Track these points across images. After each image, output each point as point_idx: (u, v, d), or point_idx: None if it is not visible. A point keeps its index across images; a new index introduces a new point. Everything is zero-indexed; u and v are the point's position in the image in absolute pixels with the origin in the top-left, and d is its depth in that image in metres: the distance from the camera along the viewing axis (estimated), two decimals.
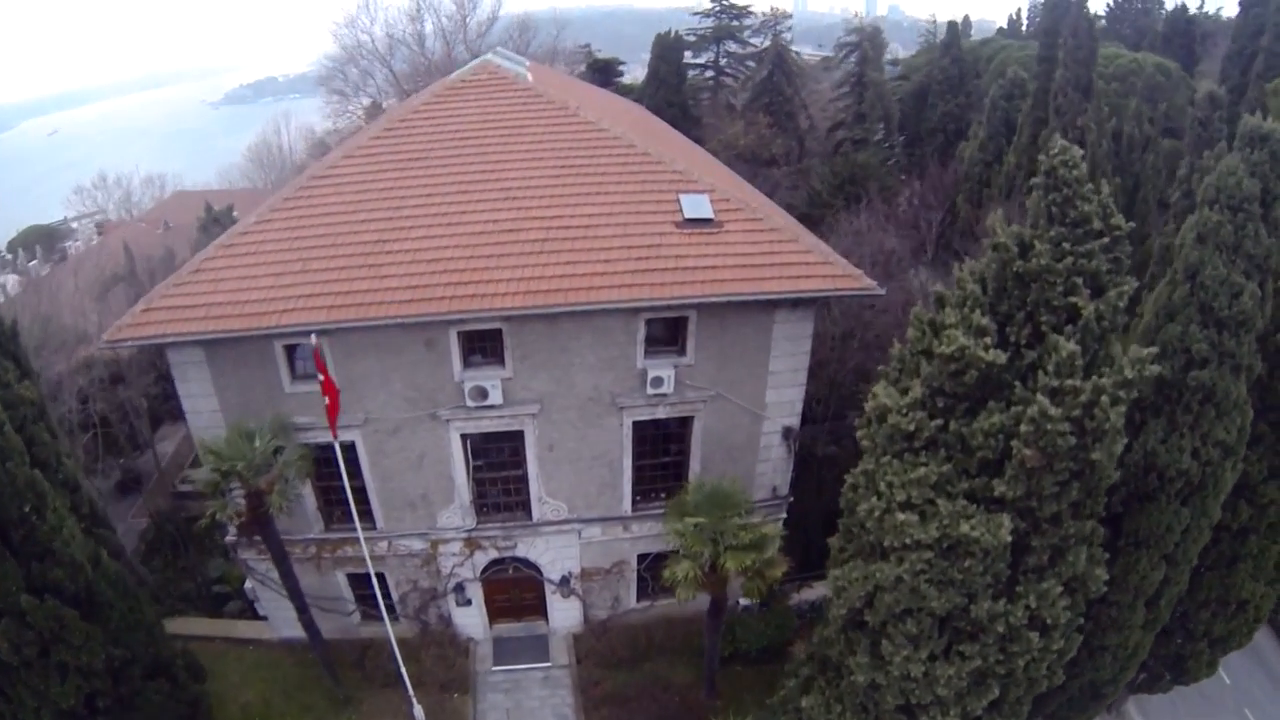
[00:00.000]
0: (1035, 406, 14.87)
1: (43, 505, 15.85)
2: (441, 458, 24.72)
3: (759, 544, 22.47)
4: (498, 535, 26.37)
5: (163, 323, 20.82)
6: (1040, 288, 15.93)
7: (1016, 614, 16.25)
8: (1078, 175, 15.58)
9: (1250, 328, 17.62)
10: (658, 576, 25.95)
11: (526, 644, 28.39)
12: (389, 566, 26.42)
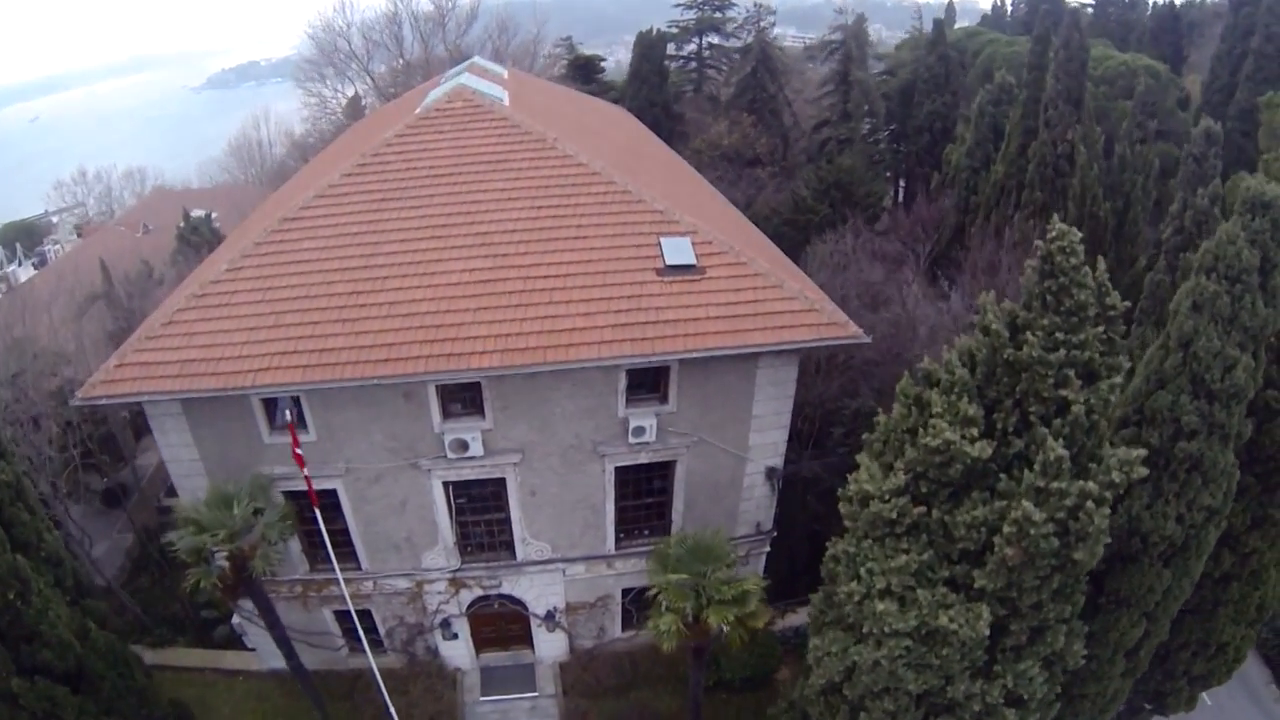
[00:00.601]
0: (1020, 510, 14.83)
1: (27, 590, 15.81)
2: (424, 503, 24.67)
3: (741, 599, 22.43)
4: (482, 574, 26.40)
5: (136, 380, 20.71)
6: (1031, 378, 15.76)
7: (993, 694, 16.38)
8: (1074, 263, 15.24)
9: (1242, 400, 17.50)
10: (642, 608, 26.15)
11: (513, 673, 28.55)
12: (375, 604, 26.47)
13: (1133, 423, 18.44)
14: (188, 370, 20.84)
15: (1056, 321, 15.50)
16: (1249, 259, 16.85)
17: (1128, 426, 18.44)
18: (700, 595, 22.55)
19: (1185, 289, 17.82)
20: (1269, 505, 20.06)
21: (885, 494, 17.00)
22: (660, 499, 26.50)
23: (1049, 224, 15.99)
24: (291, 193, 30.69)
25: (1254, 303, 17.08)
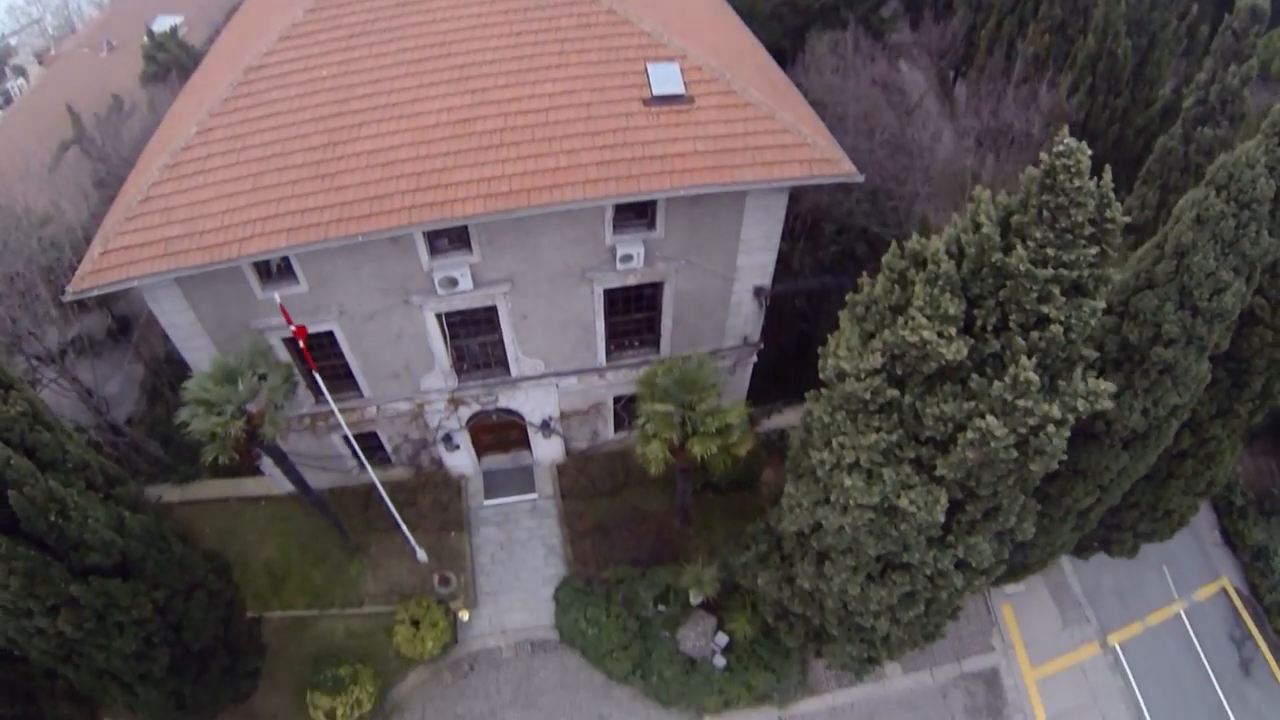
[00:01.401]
0: (984, 422, 16.24)
1: (65, 508, 17.53)
2: (418, 334, 25.81)
3: (725, 430, 24.55)
4: (479, 392, 28.27)
5: (124, 265, 20.96)
6: (1015, 287, 15.98)
7: (945, 561, 18.82)
8: (1078, 185, 15.03)
9: (1227, 320, 18.04)
10: (633, 412, 28.70)
11: (513, 476, 31.39)
12: (380, 425, 28.56)
13: (1116, 312, 19.09)
14: (173, 248, 21.06)
15: (1049, 237, 15.56)
16: (1264, 189, 16.74)
17: (1111, 314, 19.13)
18: (685, 425, 24.69)
19: (1192, 198, 17.77)
20: (1235, 400, 21.34)
21: (861, 373, 18.11)
22: (649, 315, 27.72)
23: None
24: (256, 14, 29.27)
25: (1259, 232, 17.13)
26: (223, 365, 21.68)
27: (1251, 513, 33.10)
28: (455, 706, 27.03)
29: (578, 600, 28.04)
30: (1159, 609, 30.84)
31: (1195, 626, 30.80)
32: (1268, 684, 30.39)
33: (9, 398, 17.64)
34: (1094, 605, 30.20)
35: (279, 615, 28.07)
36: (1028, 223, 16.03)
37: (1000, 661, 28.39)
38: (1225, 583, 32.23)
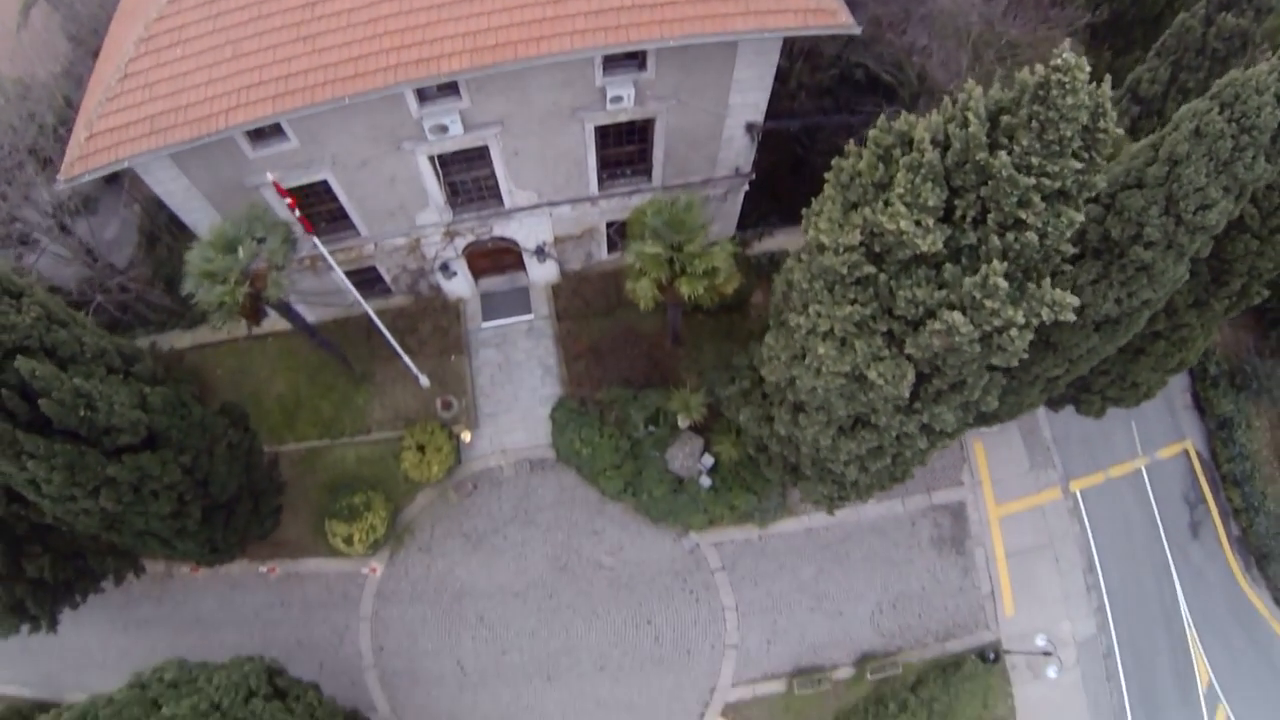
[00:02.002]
0: (951, 316, 17.50)
1: (92, 400, 18.93)
2: (412, 176, 26.25)
3: (711, 272, 25.92)
4: (474, 223, 29.08)
5: (110, 148, 21.32)
6: (996, 188, 16.49)
7: (910, 426, 20.89)
8: (1071, 102, 15.29)
9: (1210, 234, 18.54)
10: (626, 234, 30.04)
11: (510, 297, 32.74)
12: (378, 259, 29.54)
13: (1103, 204, 19.65)
14: (159, 125, 21.21)
15: (1035, 146, 15.95)
16: (1268, 119, 16.79)
17: (1098, 204, 19.73)
18: (674, 265, 26.11)
19: (1194, 108, 17.84)
20: (1213, 295, 22.26)
21: (840, 247, 18.86)
22: (641, 147, 28.07)
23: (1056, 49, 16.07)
24: None
25: (1255, 158, 17.33)
26: (221, 234, 22.51)
27: (1223, 383, 34.89)
28: (461, 524, 30.21)
29: (573, 421, 30.42)
30: (1122, 462, 33.53)
31: (1154, 483, 33.66)
32: (1212, 547, 33.70)
33: (22, 305, 18.90)
34: (1061, 452, 32.72)
35: (293, 447, 30.59)
36: (1016, 126, 16.32)
37: (968, 496, 31.38)
38: (1189, 445, 34.82)
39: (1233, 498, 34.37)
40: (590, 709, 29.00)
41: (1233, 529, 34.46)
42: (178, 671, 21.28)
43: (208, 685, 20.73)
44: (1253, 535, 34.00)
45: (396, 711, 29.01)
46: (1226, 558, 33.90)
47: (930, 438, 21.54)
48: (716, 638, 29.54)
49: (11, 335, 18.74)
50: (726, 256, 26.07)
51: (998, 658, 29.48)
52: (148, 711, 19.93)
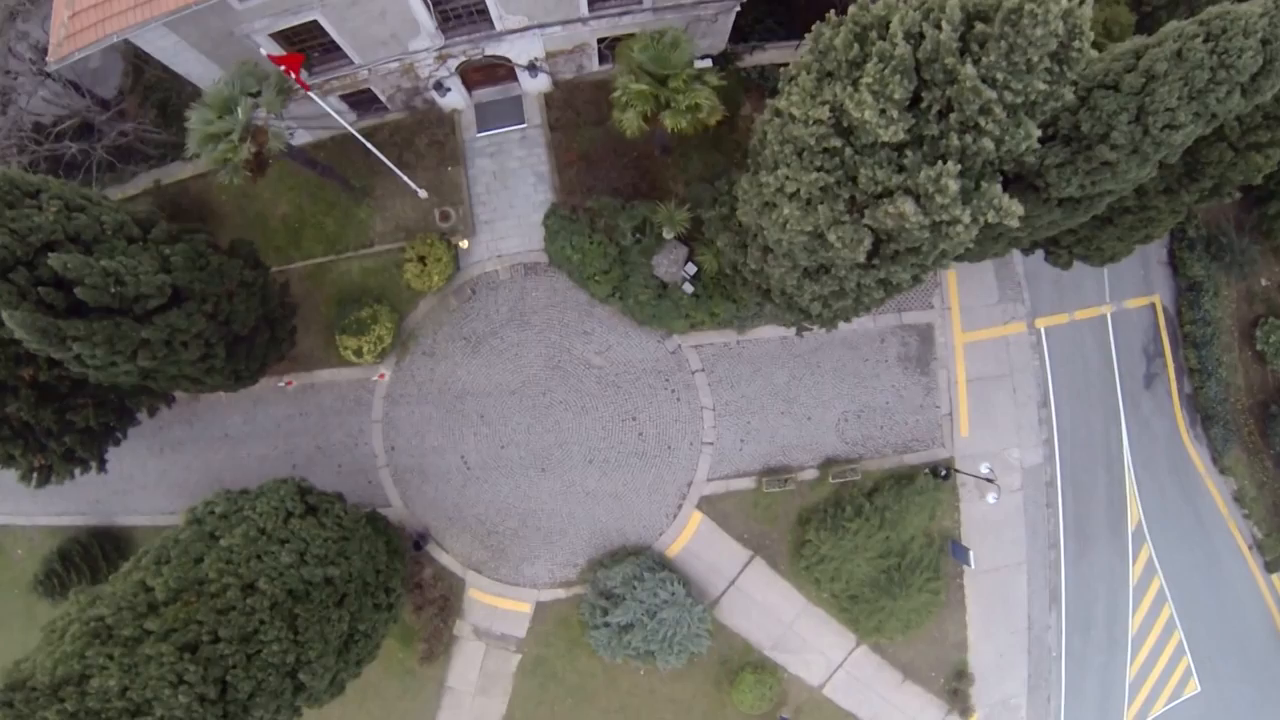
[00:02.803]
0: (903, 204, 18.77)
1: (119, 277, 20.52)
2: (401, 8, 26.26)
3: (695, 107, 26.78)
4: (466, 45, 29.12)
5: (97, 24, 21.66)
6: (961, 92, 17.41)
7: (868, 280, 22.60)
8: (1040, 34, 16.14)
9: (1171, 151, 19.34)
10: (616, 47, 30.31)
11: (504, 106, 33.04)
12: (373, 82, 29.59)
13: (1080, 94, 20.22)
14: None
15: (1002, 64, 16.81)
16: (1249, 61, 17.22)
17: (1076, 88, 20.19)
18: (659, 99, 27.04)
19: (1179, 29, 18.22)
20: (1183, 187, 23.06)
21: (809, 119, 20.00)
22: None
23: None
24: None
25: (1230, 93, 17.78)
26: (218, 95, 23.15)
27: (1199, 248, 35.66)
28: (461, 328, 32.66)
29: (564, 228, 31.91)
30: (1089, 307, 35.34)
31: (1116, 331, 35.59)
32: (1162, 400, 36.11)
33: (42, 202, 20.19)
34: (1031, 289, 34.40)
35: (301, 265, 32.48)
36: (988, 36, 17.14)
37: (936, 320, 33.53)
38: (1157, 300, 36.32)
39: (1190, 358, 36.76)
40: (580, 497, 33.04)
41: (1185, 387, 37.14)
42: (226, 503, 24.81)
43: (252, 513, 24.28)
44: (1202, 396, 36.77)
45: (408, 505, 33.12)
46: (1174, 412, 36.88)
47: (887, 289, 23.43)
48: (695, 435, 33.02)
49: (38, 234, 20.34)
50: (709, 94, 26.92)
51: (948, 475, 33.11)
52: (209, 545, 23.58)
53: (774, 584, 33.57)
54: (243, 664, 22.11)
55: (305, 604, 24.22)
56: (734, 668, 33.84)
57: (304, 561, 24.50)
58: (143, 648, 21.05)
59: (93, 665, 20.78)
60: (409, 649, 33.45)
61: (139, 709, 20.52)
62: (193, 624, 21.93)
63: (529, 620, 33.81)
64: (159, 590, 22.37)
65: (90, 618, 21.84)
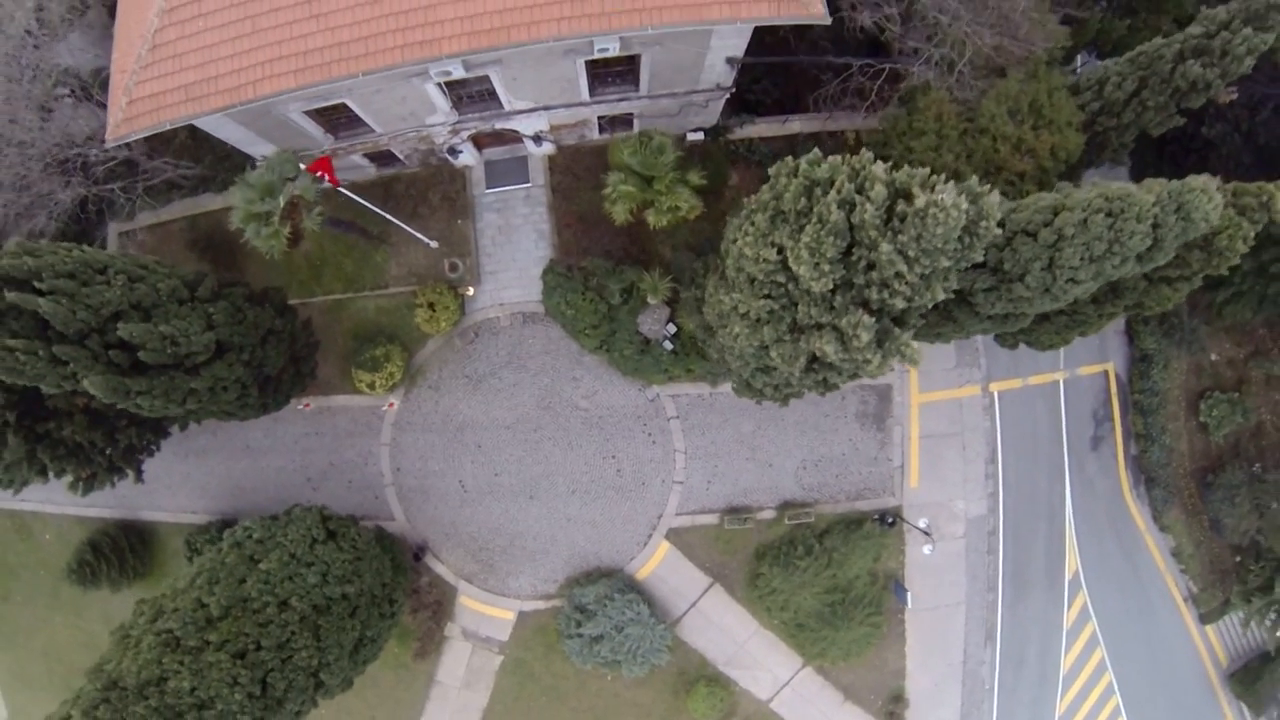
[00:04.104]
0: (824, 345, 23.10)
1: (175, 338, 25.43)
2: (420, 96, 30.04)
3: (676, 208, 30.93)
4: (477, 121, 33.05)
5: (151, 113, 25.78)
6: (879, 259, 21.38)
7: (808, 381, 26.28)
8: (942, 233, 20.45)
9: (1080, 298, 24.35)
10: (614, 125, 34.22)
11: (511, 165, 36.80)
12: (393, 145, 33.51)
13: (1007, 235, 24.06)
14: (193, 94, 25.34)
15: (914, 245, 20.77)
16: (1137, 243, 21.48)
17: (1003, 231, 23.86)
18: (645, 194, 31.07)
19: (1086, 201, 22.26)
20: (1108, 302, 27.44)
21: (759, 258, 24.07)
22: (629, 68, 31.30)
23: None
24: None
25: (1123, 263, 22.14)
26: (260, 179, 27.19)
27: (1153, 322, 38.65)
28: (464, 367, 36.85)
29: (560, 284, 35.75)
30: (1043, 373, 38.85)
31: (1068, 395, 39.21)
32: (1108, 460, 39.73)
33: (110, 278, 24.62)
34: (988, 355, 37.76)
35: (321, 299, 36.68)
36: (908, 214, 21.00)
37: (895, 381, 37.15)
38: (1110, 367, 39.79)
39: (1137, 424, 40.28)
40: (562, 523, 37.40)
41: (1131, 450, 40.72)
42: (261, 530, 30.23)
43: (284, 539, 29.66)
44: (1146, 459, 40.32)
45: (410, 520, 37.65)
46: (1119, 473, 40.56)
47: (825, 386, 27.32)
48: (667, 474, 37.17)
49: (108, 306, 24.90)
50: (689, 195, 31.01)
51: (895, 522, 37.04)
52: (250, 568, 28.98)
53: (730, 608, 37.90)
54: (279, 667, 27.78)
55: (327, 616, 29.69)
56: (691, 679, 38.31)
57: (326, 581, 29.88)
58: (205, 655, 26.69)
59: (169, 670, 26.39)
60: (404, 646, 38.14)
61: (204, 704, 26.43)
62: (241, 635, 27.49)
63: (512, 627, 38.41)
64: (213, 607, 27.78)
65: (160, 629, 27.33)
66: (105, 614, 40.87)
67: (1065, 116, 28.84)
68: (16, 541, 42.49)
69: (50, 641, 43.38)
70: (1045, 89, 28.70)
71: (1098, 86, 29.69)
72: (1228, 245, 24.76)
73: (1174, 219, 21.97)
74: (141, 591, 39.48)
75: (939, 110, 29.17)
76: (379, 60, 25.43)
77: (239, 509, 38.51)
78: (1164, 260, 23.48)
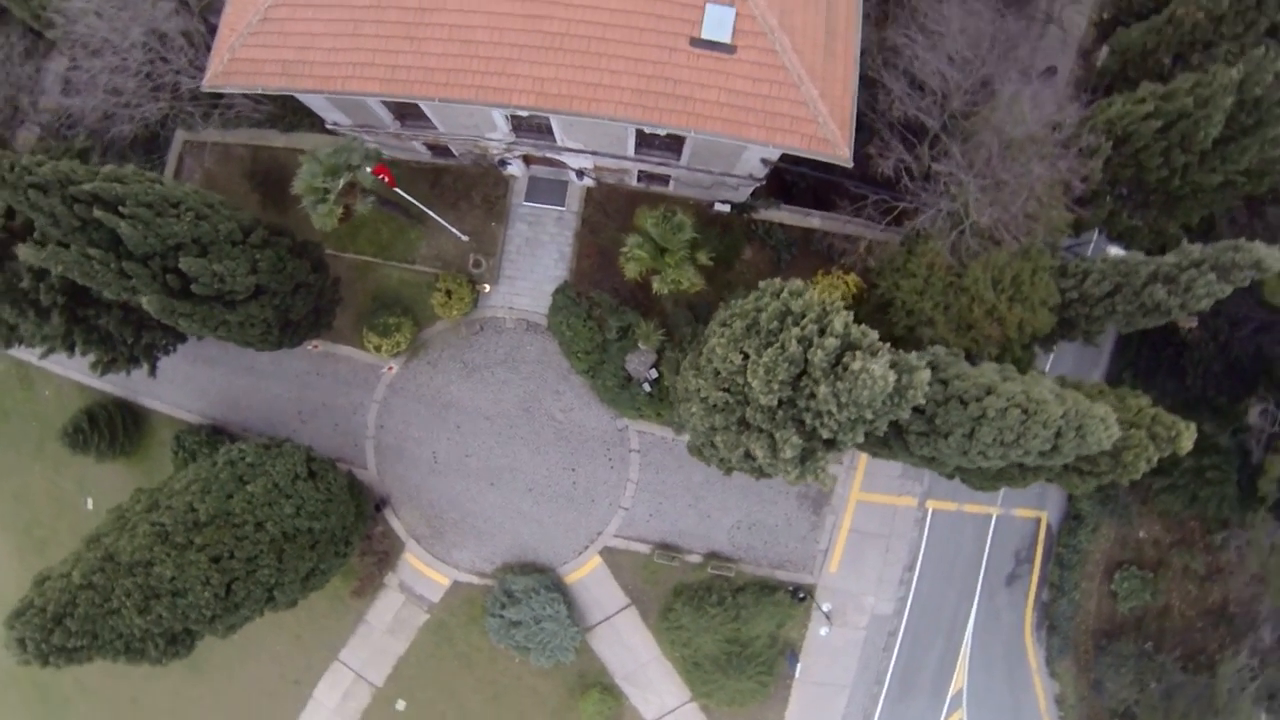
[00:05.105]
0: (758, 448, 27.06)
1: (223, 277, 29.94)
2: (486, 117, 33.78)
3: (679, 281, 35.02)
4: (530, 148, 36.73)
5: (248, 74, 30.19)
6: (818, 394, 25.53)
7: (745, 466, 30.28)
8: (867, 395, 24.36)
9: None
10: (651, 179, 38.07)
11: (552, 186, 40.58)
12: (451, 143, 37.50)
13: (945, 395, 27.69)
14: (289, 71, 29.58)
15: (845, 393, 24.80)
16: (1039, 443, 25.75)
17: (946, 388, 27.75)
18: (657, 262, 35.05)
19: (1010, 392, 26.16)
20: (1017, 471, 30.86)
21: (726, 359, 27.97)
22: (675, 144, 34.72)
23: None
24: None
25: (1026, 453, 26.24)
26: (328, 160, 30.98)
27: (1093, 492, 41.34)
28: (463, 354, 40.83)
29: (567, 306, 39.53)
30: (980, 504, 42.42)
31: (998, 530, 43.08)
32: (1017, 600, 43.66)
33: (180, 213, 28.87)
34: (932, 474, 40.41)
35: (352, 257, 40.71)
36: (850, 363, 25.05)
37: (841, 475, 40.82)
38: (1044, 516, 43.51)
39: (1054, 574, 44.18)
40: (513, 514, 41.48)
41: (1042, 595, 44.51)
42: (255, 455, 34.57)
43: (272, 470, 34.15)
44: (1054, 608, 44.24)
45: (380, 474, 41.89)
46: (1025, 612, 44.36)
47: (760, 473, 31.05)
48: (615, 498, 41.14)
49: (174, 238, 29.29)
50: (694, 274, 35.00)
51: (805, 598, 40.86)
52: (238, 486, 33.70)
53: (639, 631, 41.96)
54: (243, 578, 33.08)
55: (292, 544, 34.57)
56: (588, 682, 42.38)
57: (299, 514, 34.60)
58: (188, 553, 31.89)
59: (156, 557, 31.55)
60: (346, 583, 42.28)
61: (178, 592, 31.78)
62: (220, 544, 32.60)
63: (444, 592, 42.63)
64: (202, 514, 32.68)
65: (155, 521, 32.30)
66: (81, 477, 45.50)
67: (1041, 295, 32.32)
68: (17, 389, 46.86)
69: (24, 487, 47.61)
70: (1031, 267, 32.20)
71: (1081, 276, 33.09)
72: (1132, 461, 28.38)
73: (1073, 434, 25.66)
74: (123, 469, 44.27)
75: (932, 260, 32.75)
76: (455, 92, 29.40)
77: (230, 420, 42.83)
78: (1062, 462, 27.20)
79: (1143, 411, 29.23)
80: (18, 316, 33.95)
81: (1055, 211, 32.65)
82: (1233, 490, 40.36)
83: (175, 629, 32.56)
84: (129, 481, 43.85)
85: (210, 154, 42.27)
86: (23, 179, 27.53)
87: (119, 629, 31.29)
